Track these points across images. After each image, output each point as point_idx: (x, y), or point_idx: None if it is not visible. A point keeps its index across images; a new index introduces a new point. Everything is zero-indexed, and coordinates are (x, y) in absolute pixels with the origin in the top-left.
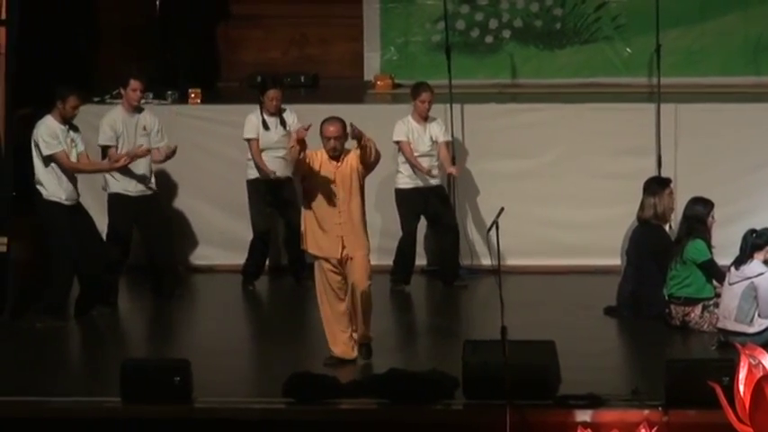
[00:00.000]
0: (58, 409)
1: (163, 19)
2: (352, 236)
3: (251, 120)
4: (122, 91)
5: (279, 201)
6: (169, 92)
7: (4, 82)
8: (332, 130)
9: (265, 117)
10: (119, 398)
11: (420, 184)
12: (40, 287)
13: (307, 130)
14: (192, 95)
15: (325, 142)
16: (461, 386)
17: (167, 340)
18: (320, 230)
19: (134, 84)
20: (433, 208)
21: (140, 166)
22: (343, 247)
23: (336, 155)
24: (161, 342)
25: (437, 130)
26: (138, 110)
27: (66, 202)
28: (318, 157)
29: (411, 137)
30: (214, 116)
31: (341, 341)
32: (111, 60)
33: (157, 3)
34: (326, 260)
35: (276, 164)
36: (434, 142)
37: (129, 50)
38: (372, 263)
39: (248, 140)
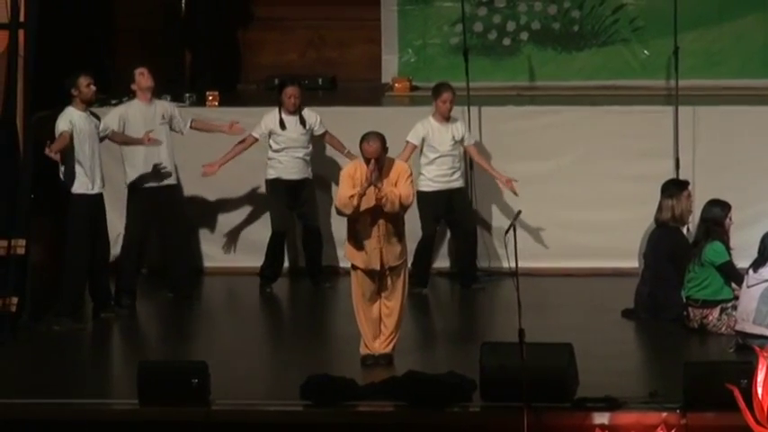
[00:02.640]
0: (75, 411)
1: (183, 22)
2: (391, 247)
3: (264, 119)
4: (132, 87)
5: (298, 201)
6: (187, 94)
7: (23, 84)
8: (371, 151)
9: (284, 116)
10: (136, 400)
11: (443, 186)
12: (58, 289)
13: (379, 185)
14: (210, 98)
15: (366, 161)
16: (479, 389)
17: (185, 342)
18: (360, 242)
19: (139, 69)
20: (454, 210)
21: (161, 157)
22: (382, 260)
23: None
24: (178, 344)
25: (461, 131)
26: (153, 102)
27: (92, 192)
28: (358, 171)
29: (432, 137)
30: (230, 118)
31: (373, 341)
32: (129, 63)
33: (182, 5)
34: (364, 270)
35: (295, 164)
36: (456, 142)
37: (148, 53)
38: None
39: (252, 135)
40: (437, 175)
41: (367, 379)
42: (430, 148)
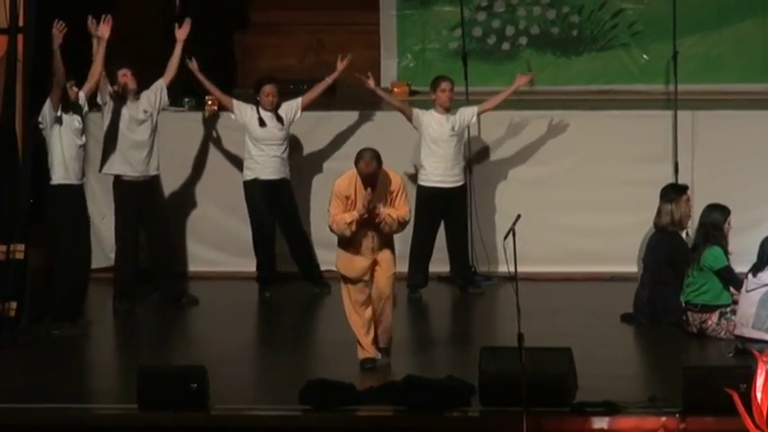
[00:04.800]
0: (74, 416)
1: (180, 26)
2: (383, 256)
3: (247, 107)
4: (114, 88)
5: (277, 203)
6: (186, 99)
7: (22, 89)
8: (370, 172)
9: (262, 114)
10: (135, 405)
11: (443, 182)
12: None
13: (377, 212)
14: (209, 102)
15: (362, 177)
16: (478, 393)
17: (183, 347)
18: (353, 254)
19: (122, 71)
20: (452, 209)
21: (142, 150)
22: (374, 269)
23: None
24: (177, 349)
25: (459, 115)
26: (136, 100)
27: (75, 182)
28: (351, 188)
29: (430, 127)
30: (229, 123)
31: (370, 343)
32: (127, 69)
33: (176, 9)
34: (354, 279)
35: (272, 164)
36: (456, 134)
37: (146, 58)
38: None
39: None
40: (437, 168)
41: (366, 383)
42: (429, 139)
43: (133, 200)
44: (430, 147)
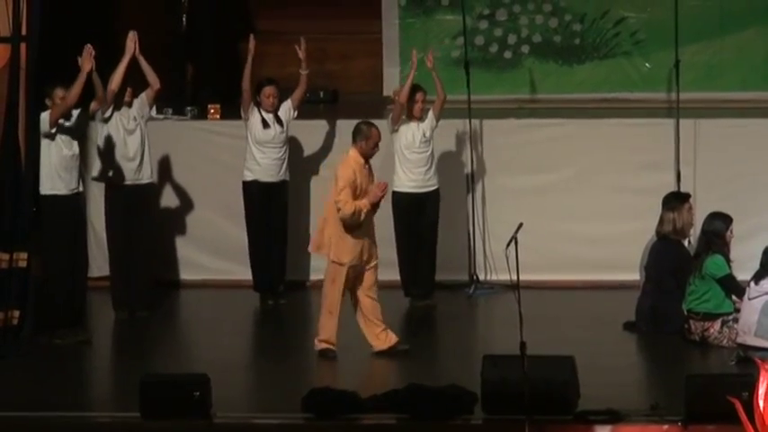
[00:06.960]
0: (76, 424)
1: (184, 36)
2: (373, 243)
3: (255, 110)
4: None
5: (272, 205)
6: (189, 108)
7: (25, 98)
8: (379, 140)
9: (263, 116)
10: (137, 413)
11: (417, 188)
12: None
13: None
14: (212, 111)
15: (373, 145)
16: (480, 401)
17: (185, 355)
18: (356, 238)
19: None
20: (424, 213)
21: (135, 156)
22: (365, 252)
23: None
24: (179, 357)
25: (427, 122)
26: (129, 110)
27: (65, 192)
28: (353, 168)
29: (404, 135)
30: (232, 131)
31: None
32: (131, 77)
33: (184, 20)
34: (349, 266)
35: (273, 166)
36: (428, 139)
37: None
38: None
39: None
40: (411, 174)
41: (369, 392)
42: (403, 147)
43: (123, 206)
44: (404, 154)
